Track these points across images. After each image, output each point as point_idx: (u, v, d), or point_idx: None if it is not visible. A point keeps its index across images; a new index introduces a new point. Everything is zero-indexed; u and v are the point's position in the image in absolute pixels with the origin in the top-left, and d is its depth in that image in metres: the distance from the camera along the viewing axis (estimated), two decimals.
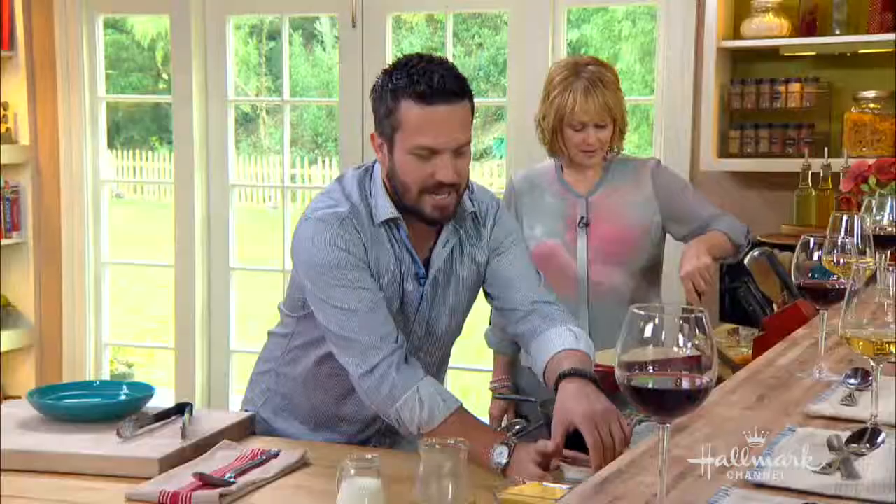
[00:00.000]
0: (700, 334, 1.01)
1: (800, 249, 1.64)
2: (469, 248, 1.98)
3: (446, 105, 1.79)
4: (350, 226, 1.85)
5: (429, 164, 1.81)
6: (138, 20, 10.16)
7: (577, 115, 2.44)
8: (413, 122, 1.79)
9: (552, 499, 1.39)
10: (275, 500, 1.64)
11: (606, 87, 2.46)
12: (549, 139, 2.53)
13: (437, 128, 1.79)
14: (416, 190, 1.83)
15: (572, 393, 1.75)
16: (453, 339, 2.09)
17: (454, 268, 1.97)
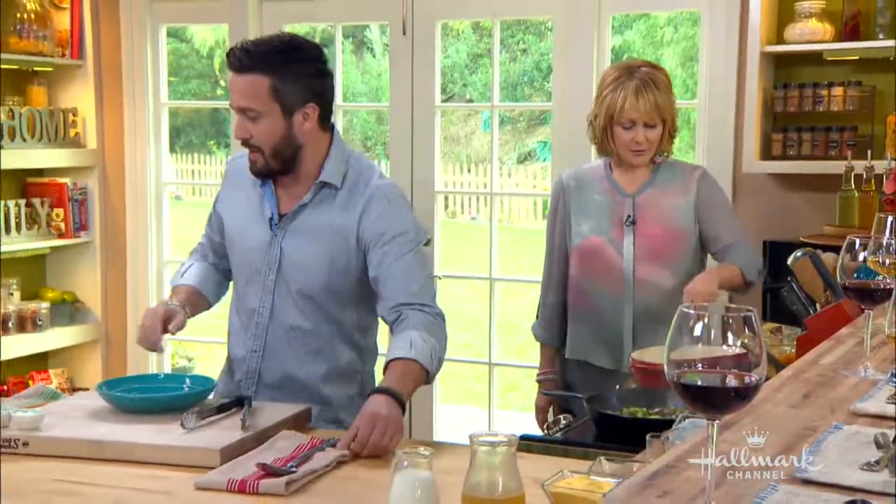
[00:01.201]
0: (749, 333, 1.00)
1: (845, 250, 1.62)
2: (335, 215, 2.12)
3: (235, 75, 2.06)
4: (227, 168, 2.30)
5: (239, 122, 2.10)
6: (198, 29, 10.28)
7: (626, 112, 2.43)
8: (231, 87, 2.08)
9: (600, 492, 1.38)
10: (333, 488, 1.65)
11: (658, 88, 2.44)
12: (599, 138, 2.52)
13: (232, 94, 2.07)
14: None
15: (373, 402, 1.87)
16: (320, 311, 2.13)
17: (312, 227, 2.12)
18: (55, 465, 1.75)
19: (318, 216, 2.13)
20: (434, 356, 1.99)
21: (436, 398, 3.99)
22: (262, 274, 2.15)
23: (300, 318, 2.14)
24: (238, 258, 2.22)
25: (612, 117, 2.46)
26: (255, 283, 2.16)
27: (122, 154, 4.21)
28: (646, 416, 2.06)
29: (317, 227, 2.13)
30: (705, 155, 3.41)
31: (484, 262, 4.05)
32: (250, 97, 2.04)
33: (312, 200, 2.13)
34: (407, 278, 2.07)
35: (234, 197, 2.23)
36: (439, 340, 2.03)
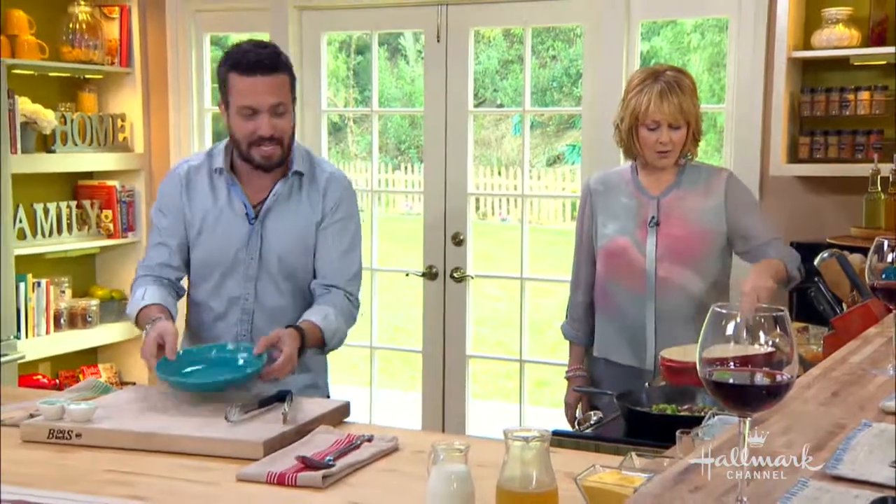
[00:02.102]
0: (780, 332, 0.99)
1: (873, 251, 1.60)
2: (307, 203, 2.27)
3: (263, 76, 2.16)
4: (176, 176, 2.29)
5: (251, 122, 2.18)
6: (240, 38, 10.37)
7: (651, 114, 2.42)
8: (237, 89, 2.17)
9: (631, 486, 1.37)
10: (370, 482, 1.65)
11: (683, 91, 2.43)
12: (625, 140, 2.51)
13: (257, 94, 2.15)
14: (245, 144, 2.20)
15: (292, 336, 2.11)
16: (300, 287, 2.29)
17: (284, 214, 2.26)
18: (106, 455, 1.77)
19: (291, 204, 2.28)
20: (336, 336, 2.24)
21: (468, 394, 3.99)
22: (243, 264, 2.27)
23: (281, 298, 2.29)
24: (211, 254, 2.29)
25: (637, 119, 2.45)
26: (236, 274, 2.28)
27: (168, 157, 4.25)
28: (675, 412, 2.04)
29: (291, 213, 2.27)
30: (733, 158, 3.38)
31: (514, 261, 4.05)
32: (281, 94, 2.18)
33: (284, 189, 2.27)
34: (343, 266, 2.30)
35: (197, 200, 2.29)
36: (347, 325, 2.29)
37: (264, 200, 2.27)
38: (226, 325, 2.31)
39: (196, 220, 2.29)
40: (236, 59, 2.18)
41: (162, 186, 2.36)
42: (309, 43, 4.05)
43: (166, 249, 2.31)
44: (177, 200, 2.30)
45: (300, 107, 4.05)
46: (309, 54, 4.04)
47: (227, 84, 2.19)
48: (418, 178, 8.67)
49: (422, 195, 3.99)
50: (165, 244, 2.31)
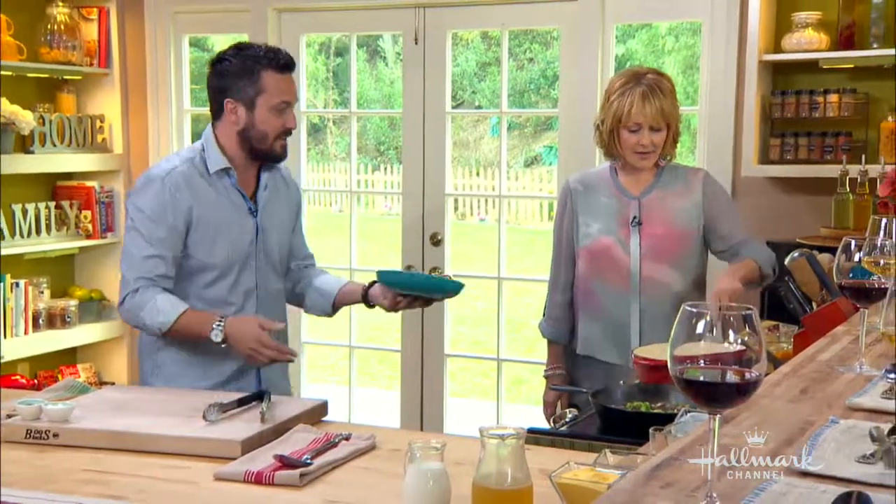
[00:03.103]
0: (749, 330, 1.00)
1: (841, 251, 1.61)
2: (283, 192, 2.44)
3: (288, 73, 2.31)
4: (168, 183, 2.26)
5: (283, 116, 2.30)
6: (219, 39, 10.32)
7: (633, 116, 2.43)
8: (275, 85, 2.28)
9: (605, 483, 1.38)
10: (347, 480, 1.65)
11: (664, 94, 2.45)
12: (606, 142, 2.52)
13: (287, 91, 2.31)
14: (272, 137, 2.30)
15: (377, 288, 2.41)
16: (284, 270, 2.47)
17: (274, 204, 2.40)
18: (84, 455, 1.75)
19: (274, 192, 2.41)
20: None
21: (446, 392, 3.99)
22: (252, 256, 2.35)
23: (278, 282, 2.44)
24: (226, 251, 2.31)
25: (619, 121, 2.46)
26: (249, 266, 2.35)
27: (147, 158, 4.22)
28: (648, 410, 2.05)
29: (278, 203, 2.42)
30: (706, 159, 3.41)
31: (492, 261, 4.05)
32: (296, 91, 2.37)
33: (268, 181, 2.39)
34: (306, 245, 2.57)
35: (202, 201, 2.28)
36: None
37: (255, 193, 2.37)
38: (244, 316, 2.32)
39: (210, 223, 2.28)
40: (272, 59, 2.28)
41: (148, 194, 2.24)
42: (288, 44, 4.02)
43: (162, 261, 2.24)
44: (176, 206, 2.24)
45: None
46: None
47: (259, 82, 2.27)
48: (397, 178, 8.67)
49: (400, 196, 3.99)
50: (161, 256, 2.24)
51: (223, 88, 2.29)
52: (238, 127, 2.29)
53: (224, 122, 2.31)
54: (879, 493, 1.01)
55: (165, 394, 2.10)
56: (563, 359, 2.67)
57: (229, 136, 2.31)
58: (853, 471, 1.07)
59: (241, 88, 2.27)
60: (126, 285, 2.25)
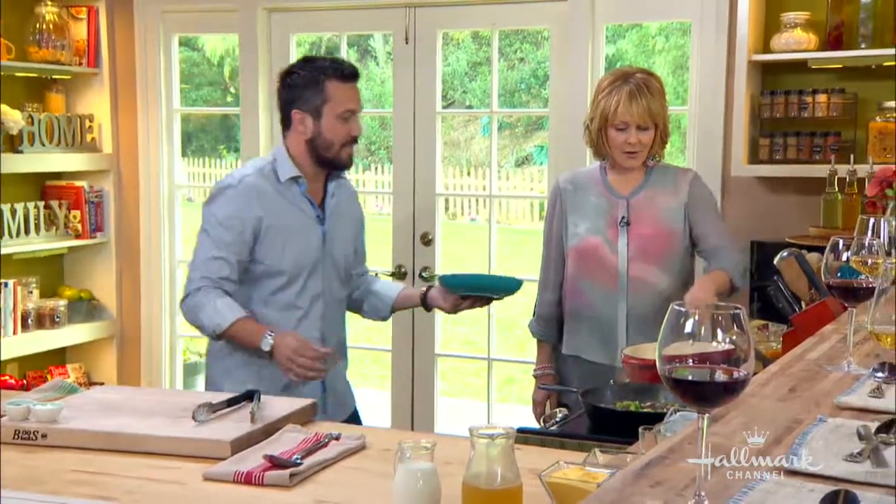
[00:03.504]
0: (737, 329, 1.00)
1: (829, 250, 1.62)
2: (349, 203, 2.54)
3: (353, 83, 2.42)
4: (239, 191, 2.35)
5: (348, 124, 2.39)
6: (209, 39, 10.28)
7: (620, 115, 2.44)
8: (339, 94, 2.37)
9: (595, 482, 1.38)
10: (337, 479, 1.65)
11: (652, 93, 2.45)
12: (594, 140, 2.53)
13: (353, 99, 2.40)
14: (338, 145, 2.39)
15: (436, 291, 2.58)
16: (350, 277, 2.56)
17: (341, 210, 2.49)
18: (72, 455, 1.75)
19: (339, 201, 2.49)
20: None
21: (437, 392, 3.98)
22: (321, 262, 2.43)
23: (342, 290, 2.53)
24: (295, 258, 2.39)
25: (606, 120, 2.47)
26: (316, 273, 2.43)
27: (137, 158, 4.21)
28: (638, 409, 2.06)
29: (342, 210, 2.50)
30: (695, 159, 3.41)
31: (483, 261, 4.05)
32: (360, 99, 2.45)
33: (335, 190, 2.48)
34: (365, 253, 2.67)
35: (272, 209, 2.37)
36: None
37: (322, 201, 2.46)
38: (310, 321, 2.43)
39: (279, 230, 2.37)
40: (335, 69, 2.38)
41: (220, 202, 2.36)
42: (278, 44, 4.03)
43: (226, 264, 2.34)
44: (246, 215, 2.34)
45: (269, 108, 4.04)
46: (278, 56, 4.02)
47: (325, 92, 2.36)
48: (388, 178, 8.67)
49: (391, 195, 3.98)
50: (226, 259, 2.34)
51: (291, 100, 2.40)
52: (306, 136, 2.39)
53: (293, 132, 2.41)
54: (867, 492, 1.01)
55: (154, 394, 2.09)
56: (553, 358, 2.67)
57: (298, 145, 2.41)
58: (841, 469, 1.07)
59: (307, 99, 2.37)
60: (190, 283, 2.35)
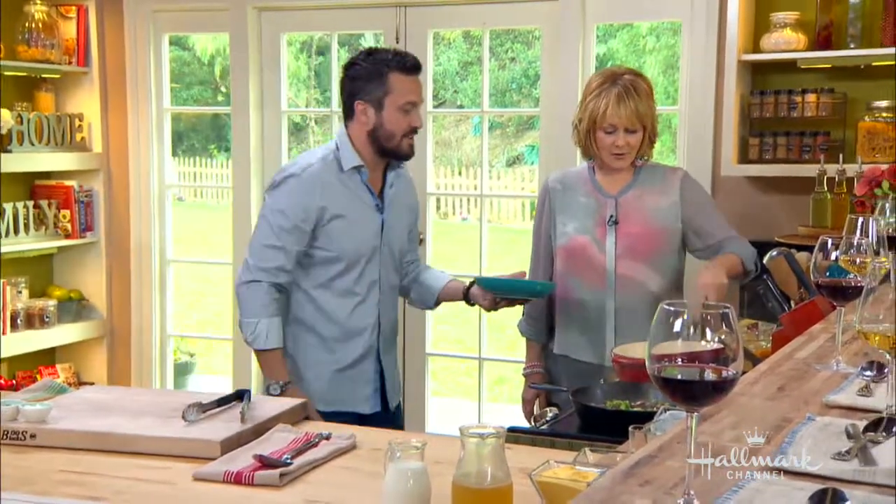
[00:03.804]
0: (726, 329, 1.00)
1: (818, 249, 1.62)
2: (406, 192, 2.59)
3: (415, 75, 2.46)
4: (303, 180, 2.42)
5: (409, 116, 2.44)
6: (199, 38, 10.26)
7: (608, 118, 2.44)
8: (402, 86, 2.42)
9: (585, 481, 1.38)
10: (327, 479, 1.65)
11: (640, 95, 2.45)
12: (583, 141, 2.53)
13: (415, 91, 2.45)
14: (399, 136, 2.43)
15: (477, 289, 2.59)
16: (400, 265, 2.60)
17: (399, 200, 2.55)
18: (61, 456, 1.74)
19: (397, 191, 2.55)
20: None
21: (428, 391, 3.98)
22: (378, 250, 2.49)
23: (396, 277, 2.59)
24: (355, 245, 2.46)
25: (594, 122, 2.47)
26: (374, 260, 2.49)
27: (127, 157, 4.20)
28: (628, 408, 2.06)
29: (400, 199, 2.56)
30: (686, 158, 3.42)
31: (474, 260, 4.05)
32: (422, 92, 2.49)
33: (393, 180, 2.53)
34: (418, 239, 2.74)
35: (338, 198, 2.43)
36: None
37: (381, 190, 2.51)
38: (366, 307, 2.49)
39: (340, 217, 2.43)
40: (398, 61, 2.42)
41: (283, 190, 2.43)
42: (268, 43, 4.02)
43: (282, 253, 2.41)
44: (308, 205, 2.40)
45: (260, 107, 4.03)
46: (268, 55, 4.01)
47: (387, 83, 2.41)
48: None
49: None
50: (282, 248, 2.41)
51: (354, 91, 2.45)
52: (368, 127, 2.44)
53: (355, 122, 2.47)
54: (855, 490, 1.01)
55: (144, 394, 2.09)
56: (542, 357, 2.67)
57: (360, 135, 2.46)
58: (829, 467, 1.07)
59: (370, 90, 2.42)
60: (246, 270, 2.44)
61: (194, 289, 7.91)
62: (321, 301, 2.47)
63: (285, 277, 2.44)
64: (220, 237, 6.48)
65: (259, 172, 4.05)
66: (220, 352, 6.29)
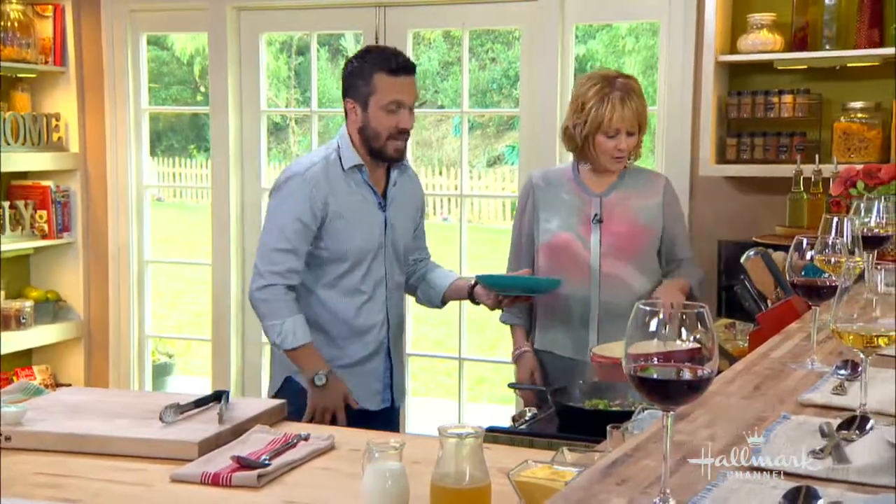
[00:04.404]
0: (701, 328, 1.01)
1: (793, 249, 1.63)
2: (411, 190, 2.59)
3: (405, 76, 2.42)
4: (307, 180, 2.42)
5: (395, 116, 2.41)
6: (178, 37, 10.21)
7: (615, 122, 2.47)
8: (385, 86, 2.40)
9: (562, 480, 1.38)
10: (306, 480, 1.64)
11: (638, 96, 2.49)
12: (580, 146, 2.53)
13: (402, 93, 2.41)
14: (384, 137, 2.41)
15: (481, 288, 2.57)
16: (406, 263, 2.60)
17: (402, 197, 2.53)
18: (37, 458, 1.73)
19: (401, 190, 2.54)
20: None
21: (408, 391, 3.98)
22: (383, 248, 2.49)
23: (401, 274, 2.58)
24: (359, 243, 2.45)
25: (598, 127, 2.48)
26: (379, 258, 2.49)
27: (104, 157, 4.17)
28: (607, 408, 2.07)
29: (404, 197, 2.55)
30: (664, 159, 3.44)
31: (455, 260, 4.05)
32: (416, 93, 2.46)
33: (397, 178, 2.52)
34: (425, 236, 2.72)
35: (339, 197, 2.43)
36: None
37: (385, 189, 2.51)
38: (374, 305, 2.49)
39: (344, 216, 2.43)
40: (384, 61, 2.41)
41: (287, 190, 2.43)
42: (247, 43, 4.00)
43: (293, 255, 2.41)
44: (312, 204, 2.40)
45: (239, 107, 4.02)
46: (247, 54, 4.00)
47: (371, 83, 2.40)
48: None
49: None
50: (292, 250, 2.41)
51: (346, 89, 2.47)
52: (358, 125, 2.45)
53: (349, 120, 2.48)
54: (829, 488, 1.02)
55: (122, 396, 2.07)
56: (529, 339, 2.66)
57: (354, 133, 2.47)
58: (803, 465, 1.08)
59: (358, 89, 2.43)
60: (257, 275, 2.42)
61: (173, 289, 7.87)
62: (328, 300, 2.47)
63: (297, 279, 2.43)
64: (200, 237, 6.45)
65: (238, 173, 4.04)
66: (198, 353, 6.25)
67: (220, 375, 4.09)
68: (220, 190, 4.04)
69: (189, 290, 7.84)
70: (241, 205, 4.05)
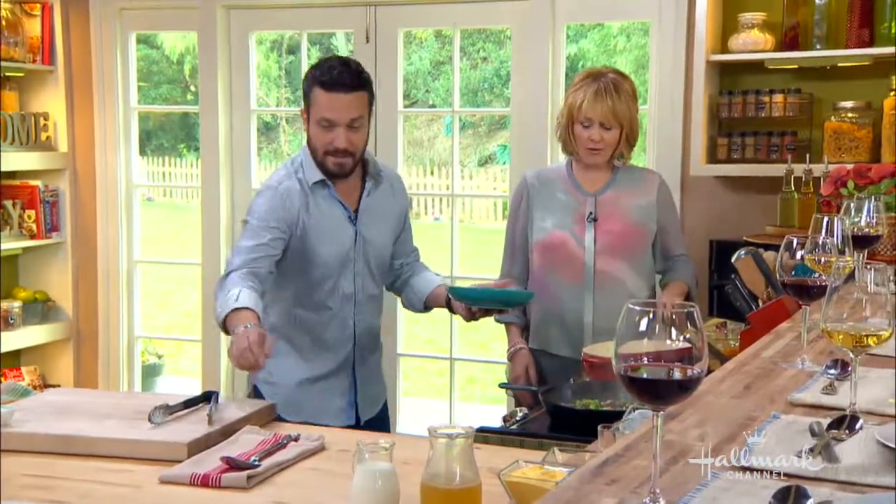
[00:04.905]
0: (691, 328, 1.01)
1: (784, 249, 1.64)
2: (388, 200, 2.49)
3: (344, 93, 2.30)
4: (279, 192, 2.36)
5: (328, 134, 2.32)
6: (168, 36, 10.17)
7: (584, 111, 2.49)
8: (319, 102, 2.31)
9: (553, 481, 1.39)
10: (295, 481, 1.64)
11: (619, 94, 2.49)
12: (563, 135, 2.57)
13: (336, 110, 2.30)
14: (321, 152, 2.34)
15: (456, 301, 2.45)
16: (383, 276, 2.53)
17: (376, 211, 2.45)
18: (25, 459, 1.72)
19: (377, 201, 2.46)
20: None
21: (399, 391, 3.98)
22: (352, 261, 2.42)
23: (376, 287, 2.50)
24: (328, 258, 2.39)
25: (572, 115, 2.51)
26: (347, 272, 2.42)
27: (93, 157, 4.15)
28: (598, 407, 2.07)
29: (380, 209, 2.47)
30: (655, 158, 3.44)
31: (446, 260, 4.05)
32: (360, 109, 2.33)
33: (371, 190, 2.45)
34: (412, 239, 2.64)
35: (307, 211, 2.37)
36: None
37: (358, 202, 2.43)
38: (341, 321, 2.43)
39: (311, 231, 2.37)
40: (321, 75, 2.32)
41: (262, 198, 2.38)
42: (237, 42, 4.00)
43: (262, 255, 2.30)
44: (281, 216, 2.34)
45: (229, 106, 4.01)
46: (237, 53, 3.99)
47: (310, 96, 2.33)
48: None
49: None
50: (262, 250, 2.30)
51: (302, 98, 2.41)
52: (307, 136, 2.40)
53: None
54: (819, 487, 1.03)
55: (110, 397, 2.07)
56: (524, 336, 2.66)
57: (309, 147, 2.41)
58: (793, 465, 1.09)
59: (306, 101, 2.38)
60: (228, 265, 2.36)
61: (163, 290, 7.85)
62: (294, 313, 2.42)
63: (265, 268, 2.30)
64: (189, 237, 6.42)
65: (228, 172, 4.03)
66: (188, 353, 6.23)
67: (209, 376, 4.08)
68: (210, 189, 4.03)
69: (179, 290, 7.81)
70: (232, 204, 4.04)
